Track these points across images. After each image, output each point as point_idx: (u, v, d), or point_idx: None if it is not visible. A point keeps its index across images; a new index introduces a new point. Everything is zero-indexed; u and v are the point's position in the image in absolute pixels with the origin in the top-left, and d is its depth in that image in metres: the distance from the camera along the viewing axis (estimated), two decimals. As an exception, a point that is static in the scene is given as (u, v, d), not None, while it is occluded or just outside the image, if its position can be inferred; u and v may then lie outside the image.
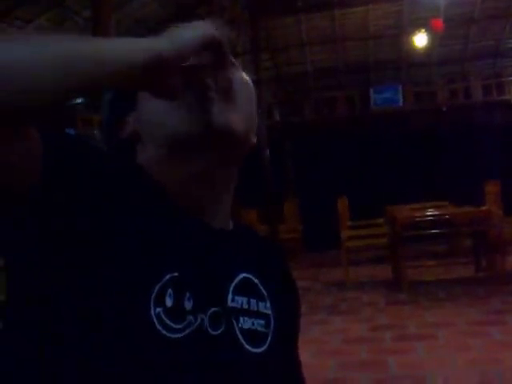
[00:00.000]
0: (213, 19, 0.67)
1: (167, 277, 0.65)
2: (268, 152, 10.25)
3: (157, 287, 0.64)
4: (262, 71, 10.77)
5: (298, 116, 12.50)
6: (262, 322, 0.76)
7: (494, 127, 11.23)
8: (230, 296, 0.73)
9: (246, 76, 0.79)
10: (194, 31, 0.64)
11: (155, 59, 0.60)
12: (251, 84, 0.79)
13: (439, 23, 10.64)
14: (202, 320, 0.68)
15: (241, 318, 0.73)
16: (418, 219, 7.07)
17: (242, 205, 8.61)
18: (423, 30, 11.04)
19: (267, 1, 10.65)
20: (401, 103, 12.17)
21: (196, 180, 0.74)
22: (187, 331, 0.66)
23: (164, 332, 0.63)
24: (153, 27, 9.42)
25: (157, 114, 0.74)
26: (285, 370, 0.81)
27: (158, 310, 0.63)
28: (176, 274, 0.66)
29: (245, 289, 0.75)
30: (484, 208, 6.95)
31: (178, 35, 0.63)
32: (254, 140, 0.80)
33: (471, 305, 5.62)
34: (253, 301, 0.76)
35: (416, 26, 11.21)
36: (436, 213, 7.19)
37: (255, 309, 0.76)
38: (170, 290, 0.65)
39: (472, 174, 9.21)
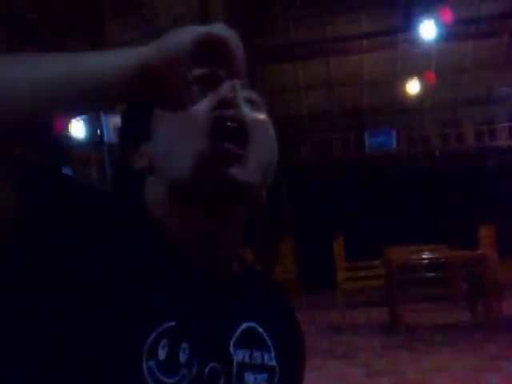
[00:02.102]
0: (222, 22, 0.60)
1: (163, 326, 0.62)
2: (264, 192, 10.31)
3: (150, 338, 0.60)
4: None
5: (294, 157, 12.66)
6: (265, 375, 0.72)
7: (488, 172, 11.41)
8: (231, 349, 0.69)
9: (266, 118, 0.76)
10: (186, 33, 0.58)
11: (142, 68, 0.56)
12: (270, 126, 0.76)
13: (431, 76, 10.98)
14: (200, 373, 0.64)
15: (243, 373, 0.69)
16: (413, 262, 7.11)
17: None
18: (416, 78, 11.34)
19: (264, 47, 10.94)
20: (395, 147, 12.36)
21: (200, 225, 0.71)
22: None
23: None
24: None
25: (170, 146, 0.69)
26: None
27: (151, 363, 0.59)
28: (173, 324, 0.63)
29: (248, 340, 0.72)
30: (479, 252, 7.01)
31: (169, 39, 0.58)
32: (269, 182, 0.78)
33: (468, 350, 5.61)
34: (257, 353, 0.72)
35: (409, 74, 11.51)
36: (432, 256, 7.24)
37: (259, 362, 0.72)
38: (164, 341, 0.61)
39: (467, 218, 9.30)
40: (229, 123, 0.68)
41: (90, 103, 0.58)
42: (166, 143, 0.70)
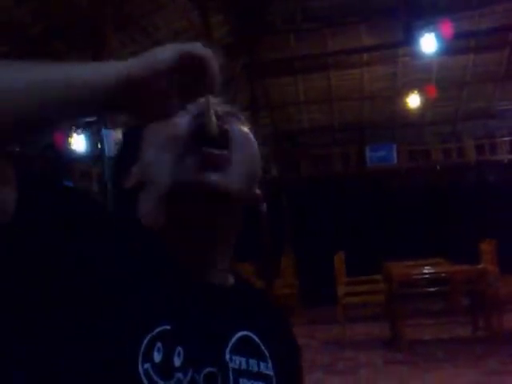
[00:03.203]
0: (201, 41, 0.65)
1: (157, 330, 0.63)
2: (265, 207, 10.30)
3: (145, 340, 0.61)
4: (259, 128, 10.99)
5: (294, 172, 12.66)
6: (263, 383, 0.73)
7: (488, 186, 11.40)
8: (227, 355, 0.69)
9: (245, 128, 0.77)
10: (169, 50, 0.62)
11: (124, 79, 0.59)
12: (251, 136, 0.78)
13: (432, 89, 11.02)
14: (194, 379, 0.64)
15: (240, 380, 0.69)
16: (414, 277, 7.07)
17: (238, 259, 8.58)
18: (416, 92, 11.37)
19: (265, 61, 10.99)
20: (395, 161, 12.36)
21: (192, 228, 0.73)
22: None
23: None
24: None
25: (156, 162, 0.73)
26: None
27: (146, 365, 0.60)
28: (168, 328, 0.64)
29: (244, 348, 0.72)
30: (480, 266, 6.97)
31: (152, 54, 0.61)
32: (257, 192, 0.79)
33: (470, 365, 5.56)
34: (252, 361, 0.72)
35: (409, 88, 11.55)
36: (432, 271, 7.20)
37: (255, 369, 0.72)
38: (159, 344, 0.62)
39: (468, 232, 9.28)
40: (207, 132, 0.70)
41: (76, 110, 0.61)
42: (151, 156, 0.74)
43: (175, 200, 0.72)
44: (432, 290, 7.17)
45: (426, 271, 7.19)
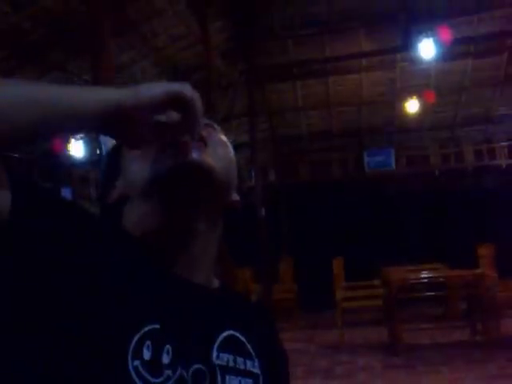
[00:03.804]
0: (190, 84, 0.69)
1: (146, 328, 0.64)
2: (263, 212, 10.32)
3: (135, 339, 0.63)
4: (258, 133, 11.00)
5: (293, 177, 12.67)
6: (250, 381, 0.74)
7: (487, 191, 11.41)
8: (214, 353, 0.71)
9: (224, 138, 0.81)
10: (159, 87, 0.66)
11: (115, 107, 0.64)
12: (229, 145, 0.81)
13: (431, 95, 11.04)
14: (183, 376, 0.66)
15: (227, 377, 0.71)
16: (412, 281, 7.07)
17: (237, 264, 8.59)
18: (415, 97, 11.39)
19: (264, 67, 11.02)
20: (394, 166, 12.37)
21: (177, 229, 0.74)
22: None
23: None
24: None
25: (136, 169, 0.76)
26: None
27: (136, 362, 0.62)
28: (157, 326, 0.65)
29: (231, 346, 0.74)
30: (478, 271, 6.97)
31: (143, 88, 0.66)
32: (236, 197, 0.81)
33: (468, 370, 5.55)
34: (240, 359, 0.74)
35: (408, 93, 11.57)
36: (430, 275, 7.21)
37: (242, 367, 0.74)
38: (148, 342, 0.64)
39: (466, 237, 9.29)
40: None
41: (68, 129, 0.67)
42: (131, 168, 0.78)
43: (158, 196, 0.74)
44: (430, 294, 7.17)
45: (424, 276, 7.20)
